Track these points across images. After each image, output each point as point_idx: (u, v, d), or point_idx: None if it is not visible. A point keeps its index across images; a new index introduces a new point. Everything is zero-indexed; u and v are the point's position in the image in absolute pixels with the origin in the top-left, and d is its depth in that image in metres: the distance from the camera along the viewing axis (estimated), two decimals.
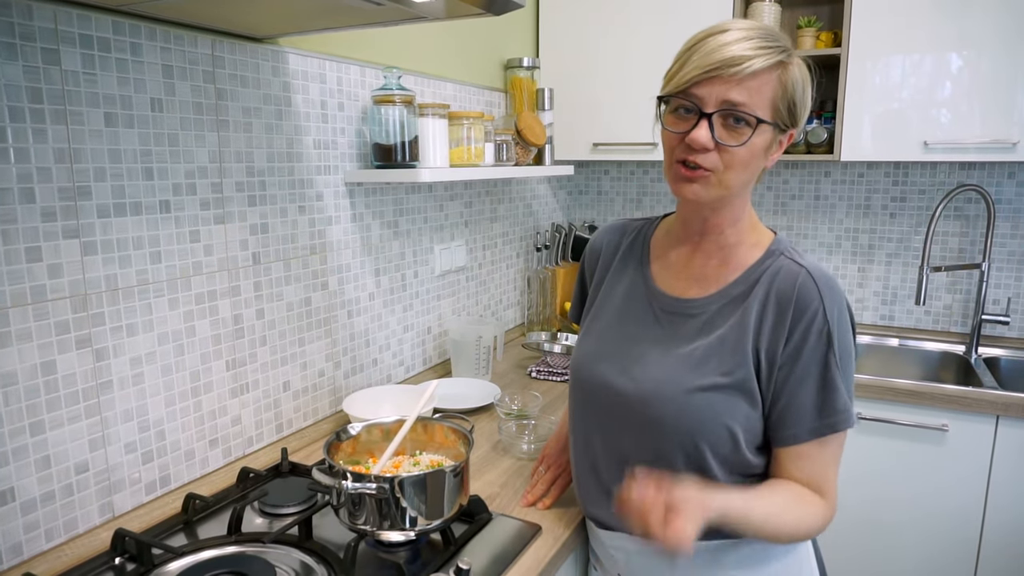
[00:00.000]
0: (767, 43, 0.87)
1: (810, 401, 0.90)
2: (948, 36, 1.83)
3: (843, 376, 0.90)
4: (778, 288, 0.92)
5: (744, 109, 0.86)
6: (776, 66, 0.87)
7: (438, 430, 1.15)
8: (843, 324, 0.91)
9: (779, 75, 0.88)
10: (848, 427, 0.91)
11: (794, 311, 0.90)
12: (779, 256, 0.95)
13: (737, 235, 0.97)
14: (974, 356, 2.09)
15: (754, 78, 0.86)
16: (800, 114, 0.92)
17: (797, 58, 0.91)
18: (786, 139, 0.93)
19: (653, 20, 2.08)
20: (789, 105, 0.90)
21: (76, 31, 0.99)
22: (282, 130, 1.34)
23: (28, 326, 0.97)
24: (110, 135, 1.04)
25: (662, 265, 1.04)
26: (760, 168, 0.93)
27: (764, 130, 0.88)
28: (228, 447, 1.30)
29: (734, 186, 0.91)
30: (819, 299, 0.90)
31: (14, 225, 0.94)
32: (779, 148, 0.94)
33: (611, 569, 1.09)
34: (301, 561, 1.01)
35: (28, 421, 0.98)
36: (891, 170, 2.26)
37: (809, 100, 0.93)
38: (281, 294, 1.37)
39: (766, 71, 0.86)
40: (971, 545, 1.80)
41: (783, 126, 0.91)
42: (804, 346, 0.90)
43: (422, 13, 1.05)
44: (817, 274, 0.91)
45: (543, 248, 2.31)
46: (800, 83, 0.90)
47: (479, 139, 1.62)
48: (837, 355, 0.89)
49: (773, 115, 0.89)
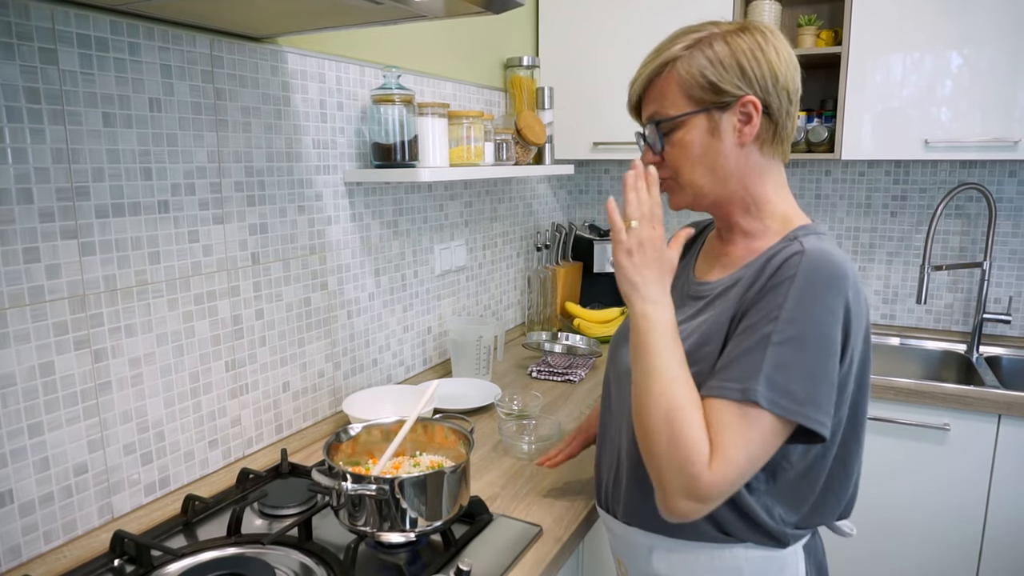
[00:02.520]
0: (658, 51, 0.93)
1: (732, 360, 0.83)
2: (948, 34, 1.83)
3: (780, 355, 0.80)
4: (771, 264, 0.88)
5: (657, 116, 0.93)
6: (662, 67, 0.92)
7: (438, 431, 1.15)
8: (810, 308, 0.81)
9: (670, 72, 0.91)
10: (755, 400, 0.79)
11: (767, 281, 0.86)
12: (793, 240, 0.90)
13: (758, 222, 0.95)
14: (975, 355, 2.09)
15: (653, 87, 0.93)
16: (737, 83, 0.89)
17: (715, 40, 0.90)
18: (751, 108, 0.89)
19: (653, 18, 2.08)
20: (703, 86, 0.89)
21: (74, 30, 0.98)
22: (281, 130, 1.33)
23: (26, 327, 0.96)
24: (108, 135, 1.04)
25: (704, 255, 1.06)
26: (719, 153, 0.91)
27: (685, 122, 0.91)
28: (227, 448, 1.29)
29: (696, 181, 0.94)
30: (793, 273, 0.83)
31: (12, 226, 0.94)
32: (746, 120, 0.90)
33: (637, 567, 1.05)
34: (301, 562, 1.00)
35: (27, 423, 0.98)
36: (892, 169, 2.26)
37: (754, 63, 0.89)
38: (280, 294, 1.37)
39: (656, 77, 0.93)
40: (973, 544, 1.79)
41: (717, 103, 0.89)
42: (752, 311, 0.85)
43: (421, 12, 1.04)
44: (811, 254, 0.84)
45: (543, 247, 2.31)
46: (710, 63, 0.89)
47: (479, 138, 1.62)
48: (778, 329, 0.81)
49: (690, 104, 0.90)
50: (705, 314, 0.94)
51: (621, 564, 1.08)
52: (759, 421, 0.80)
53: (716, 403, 0.82)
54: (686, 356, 0.88)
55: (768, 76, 0.90)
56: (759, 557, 0.93)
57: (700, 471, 0.79)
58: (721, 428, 0.81)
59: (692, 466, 0.79)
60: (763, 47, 0.90)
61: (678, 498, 0.81)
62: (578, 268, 2.38)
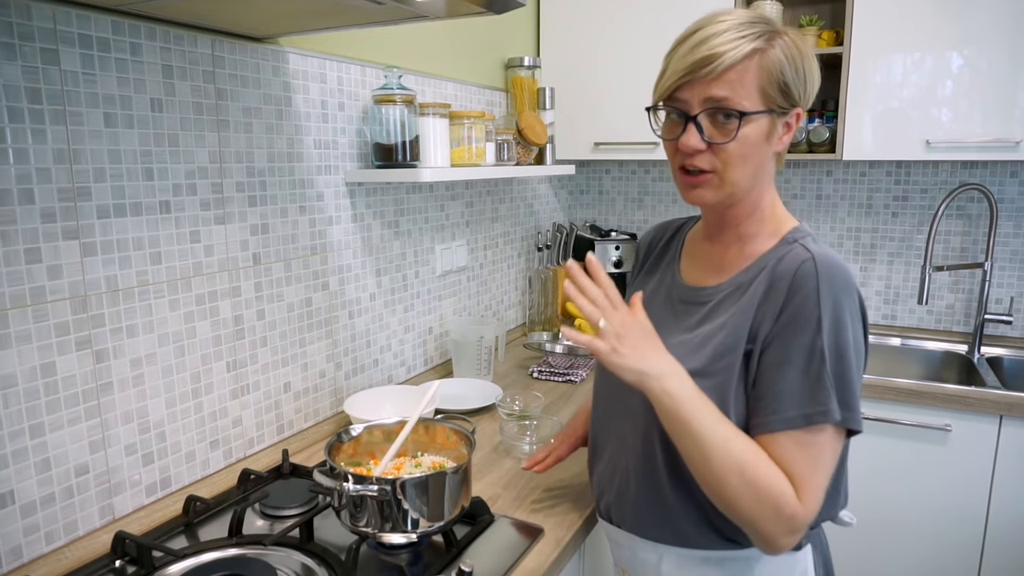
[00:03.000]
0: (741, 32, 0.85)
1: (787, 388, 0.83)
2: (949, 35, 1.83)
3: (834, 367, 0.82)
4: (780, 271, 0.88)
5: (728, 103, 0.86)
6: (751, 54, 0.85)
7: (440, 431, 1.14)
8: (840, 315, 0.83)
9: (758, 61, 0.86)
10: (828, 422, 0.82)
11: (787, 293, 0.85)
12: (792, 244, 0.91)
13: (755, 225, 0.95)
14: (977, 356, 2.08)
15: (731, 70, 0.85)
16: (799, 91, 0.89)
17: (783, 37, 0.88)
18: (794, 119, 0.91)
19: (654, 18, 2.08)
20: (780, 87, 0.87)
21: (75, 31, 0.98)
22: (282, 130, 1.33)
23: (28, 328, 0.96)
24: (110, 135, 1.04)
25: (690, 258, 1.04)
26: (765, 156, 0.91)
27: (755, 119, 0.87)
28: (229, 448, 1.29)
29: (739, 181, 0.90)
30: (815, 283, 0.84)
31: (13, 226, 0.94)
32: (787, 130, 0.91)
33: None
34: (302, 563, 1.00)
35: (28, 423, 0.97)
36: (893, 169, 2.26)
37: (809, 73, 0.90)
38: (282, 295, 1.37)
39: (742, 61, 0.85)
40: (975, 545, 1.79)
41: (780, 109, 0.89)
42: (788, 330, 0.84)
43: (423, 12, 1.04)
44: (821, 260, 0.85)
45: (544, 248, 2.31)
46: (787, 62, 0.87)
47: (480, 139, 1.61)
48: (827, 343, 0.82)
49: (764, 101, 0.87)
50: (712, 322, 0.93)
51: (625, 573, 1.07)
52: (824, 438, 0.83)
53: (780, 436, 0.84)
54: (703, 370, 0.88)
55: (812, 91, 0.91)
56: (768, 557, 0.93)
57: (794, 511, 0.81)
58: (796, 460, 0.83)
59: (785, 508, 0.81)
60: (812, 58, 0.91)
61: (781, 539, 0.83)
62: None
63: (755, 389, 0.87)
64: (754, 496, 0.82)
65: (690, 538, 0.94)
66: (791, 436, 0.83)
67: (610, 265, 2.38)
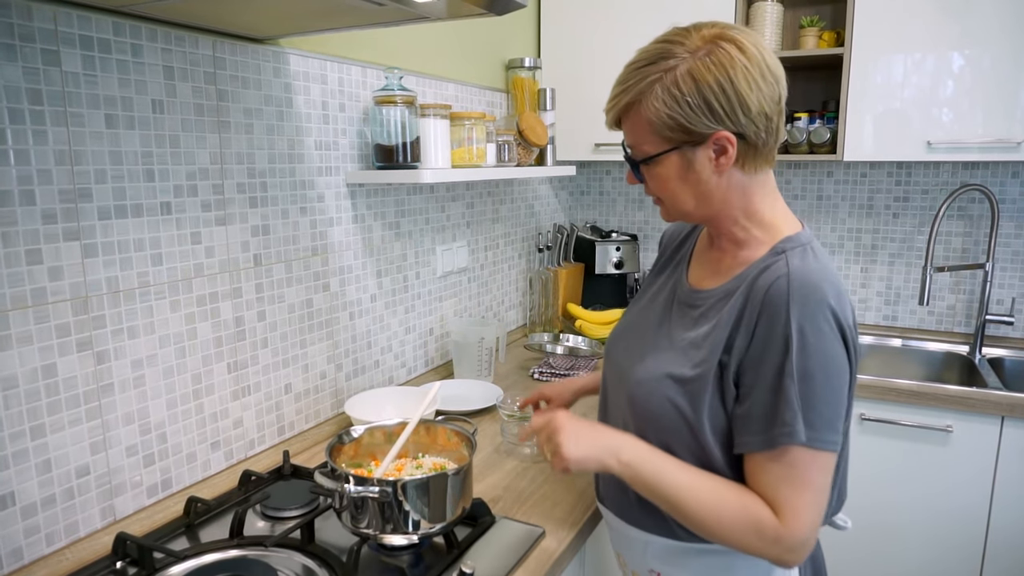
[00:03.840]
0: (623, 83, 0.90)
1: (759, 409, 0.85)
2: (950, 35, 1.82)
3: (800, 388, 0.82)
4: (757, 287, 0.88)
5: (634, 150, 0.93)
6: (627, 107, 0.89)
7: (441, 432, 1.14)
8: (812, 334, 0.83)
9: (639, 112, 0.88)
10: (793, 443, 0.82)
11: (759, 313, 0.86)
12: (779, 256, 0.90)
13: (745, 232, 0.95)
14: (978, 356, 2.08)
15: (625, 120, 0.92)
16: (705, 119, 0.85)
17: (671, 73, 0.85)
18: (724, 141, 0.86)
19: (654, 19, 2.06)
20: (672, 127, 0.86)
21: (76, 32, 0.98)
22: (283, 131, 1.33)
23: (28, 329, 0.96)
24: (111, 137, 1.04)
25: (697, 260, 1.06)
26: (697, 183, 0.90)
27: (661, 160, 0.90)
28: (230, 450, 1.29)
29: (683, 207, 0.93)
30: (786, 304, 0.83)
31: (14, 227, 0.94)
32: (721, 152, 0.87)
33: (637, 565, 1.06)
34: (303, 565, 1.00)
35: (29, 424, 0.97)
36: (894, 170, 2.25)
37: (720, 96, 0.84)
38: (283, 296, 1.37)
39: (626, 115, 0.91)
40: (976, 547, 1.79)
41: (690, 141, 0.87)
42: (762, 350, 0.85)
43: (424, 13, 1.04)
44: (796, 278, 0.85)
45: (545, 249, 2.31)
46: (672, 100, 0.85)
47: (481, 140, 1.61)
48: (795, 365, 0.82)
49: (663, 142, 0.88)
50: (703, 326, 0.94)
51: (620, 557, 1.09)
52: (797, 458, 0.83)
53: (755, 458, 0.86)
54: (682, 376, 0.91)
55: (739, 108, 0.84)
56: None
57: (777, 533, 0.83)
58: (771, 483, 0.84)
59: (766, 533, 0.83)
60: (732, 76, 0.84)
61: (779, 558, 0.85)
62: (580, 269, 2.38)
63: (737, 408, 0.89)
64: (733, 529, 0.85)
65: (673, 530, 0.96)
66: (763, 458, 0.85)
67: (610, 266, 2.38)
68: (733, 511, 0.85)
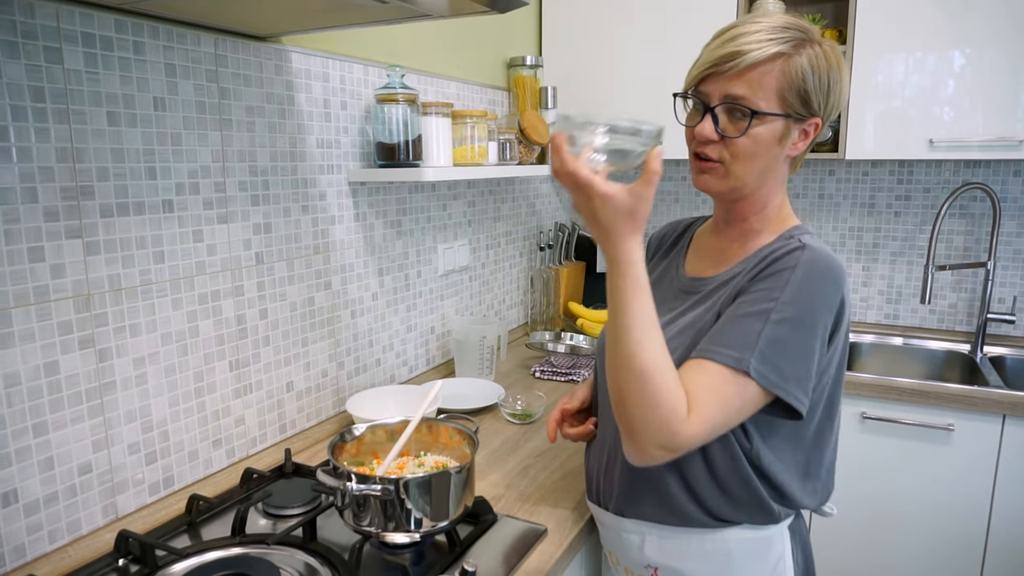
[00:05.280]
0: (771, 35, 0.88)
1: (721, 329, 0.87)
2: (951, 33, 1.82)
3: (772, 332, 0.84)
4: (769, 255, 0.91)
5: (743, 102, 0.89)
6: (774, 57, 0.88)
7: (443, 431, 1.14)
8: (805, 295, 0.85)
9: (781, 65, 0.88)
10: (740, 368, 0.83)
11: (767, 266, 0.90)
12: (790, 239, 0.94)
13: (761, 223, 0.98)
14: (979, 355, 2.08)
15: (752, 70, 0.88)
16: (819, 102, 0.91)
17: (815, 47, 0.90)
18: (812, 128, 0.93)
19: (656, 18, 2.07)
20: (800, 93, 0.89)
21: (78, 29, 0.98)
22: (285, 129, 1.33)
23: (31, 326, 0.96)
24: (113, 134, 1.04)
25: (695, 252, 1.07)
26: (775, 158, 0.93)
27: (769, 120, 0.90)
28: (231, 448, 1.29)
29: (743, 176, 0.93)
30: (795, 264, 0.87)
31: (17, 225, 0.94)
32: (803, 138, 0.93)
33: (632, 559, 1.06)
34: (305, 563, 1.00)
35: (31, 422, 0.97)
36: (895, 168, 2.25)
37: (835, 86, 0.91)
38: (284, 294, 1.37)
39: (764, 62, 0.88)
40: (977, 545, 1.79)
41: (797, 115, 0.90)
42: (752, 290, 0.88)
43: (426, 11, 1.04)
44: (811, 250, 0.88)
45: (546, 247, 2.31)
46: (811, 72, 0.89)
47: (482, 138, 1.61)
48: (777, 310, 0.85)
49: (781, 105, 0.89)
50: (697, 309, 0.96)
51: (613, 555, 1.09)
52: (744, 389, 0.84)
53: (707, 364, 0.86)
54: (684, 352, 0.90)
55: (836, 105, 0.93)
56: (749, 538, 0.96)
57: (678, 428, 0.82)
58: (708, 388, 0.84)
59: (670, 424, 0.81)
60: (843, 75, 0.92)
61: (651, 448, 0.84)
62: (581, 268, 2.37)
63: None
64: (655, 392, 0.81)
65: (674, 512, 0.96)
66: (717, 369, 0.85)
67: None
68: (667, 380, 0.81)
